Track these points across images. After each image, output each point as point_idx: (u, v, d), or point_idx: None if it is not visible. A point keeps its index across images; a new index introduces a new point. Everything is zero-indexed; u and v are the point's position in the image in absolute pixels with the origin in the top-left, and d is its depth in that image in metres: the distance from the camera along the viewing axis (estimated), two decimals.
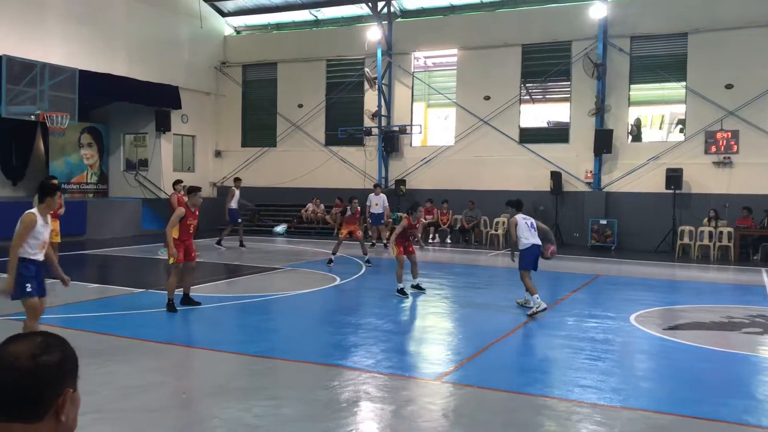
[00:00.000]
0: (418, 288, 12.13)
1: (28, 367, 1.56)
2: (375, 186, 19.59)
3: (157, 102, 23.37)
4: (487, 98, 22.43)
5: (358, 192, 19.53)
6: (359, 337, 8.70)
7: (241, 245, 18.84)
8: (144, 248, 18.25)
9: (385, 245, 18.73)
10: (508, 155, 22.09)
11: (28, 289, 6.50)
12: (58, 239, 12.26)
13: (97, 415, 5.37)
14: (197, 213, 10.26)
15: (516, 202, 11.32)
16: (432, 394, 6.49)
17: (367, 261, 15.67)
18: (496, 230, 21.23)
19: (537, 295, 10.25)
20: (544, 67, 21.98)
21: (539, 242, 10.86)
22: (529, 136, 22.16)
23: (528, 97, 22.33)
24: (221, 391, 6.38)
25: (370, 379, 6.76)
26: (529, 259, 10.77)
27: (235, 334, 9.10)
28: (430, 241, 21.62)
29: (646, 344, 8.81)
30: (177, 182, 16.32)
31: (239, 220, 19.41)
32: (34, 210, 6.64)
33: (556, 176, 21.06)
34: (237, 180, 20.26)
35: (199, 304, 10.27)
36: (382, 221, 19.12)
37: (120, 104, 23.13)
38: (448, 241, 21.54)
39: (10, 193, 23.04)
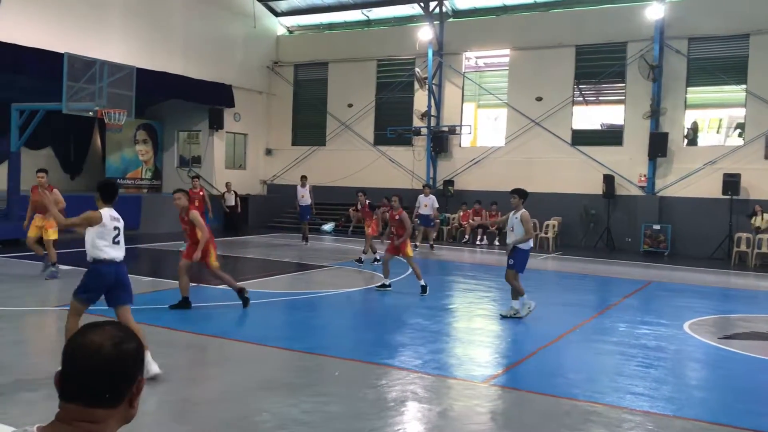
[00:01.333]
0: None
1: (111, 354, 1.63)
2: (424, 186, 19.54)
3: (210, 100, 23.78)
4: (539, 99, 22.17)
5: (405, 192, 19.43)
6: (406, 336, 8.69)
7: (305, 240, 19.51)
8: None
9: (432, 247, 18.65)
10: (559, 157, 21.79)
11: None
12: (54, 236, 12.01)
13: (150, 406, 5.48)
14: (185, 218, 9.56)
15: (525, 192, 10.24)
16: (480, 397, 6.44)
17: (359, 260, 15.61)
18: (546, 233, 20.97)
19: (525, 295, 9.93)
20: (598, 68, 21.62)
21: None
22: (582, 138, 21.82)
23: (581, 98, 21.99)
24: (270, 386, 6.44)
25: (418, 380, 6.74)
26: (525, 261, 10.10)
27: (283, 330, 9.19)
28: (478, 242, 21.48)
29: (700, 353, 8.58)
30: (195, 177, 16.89)
31: (308, 217, 19.87)
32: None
33: (608, 179, 20.69)
34: (303, 178, 20.48)
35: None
36: (431, 223, 19.04)
37: (175, 102, 23.61)
38: (497, 243, 21.34)
39: (67, 187, 23.74)
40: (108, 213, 6.54)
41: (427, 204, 18.74)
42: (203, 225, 7.40)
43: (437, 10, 23.49)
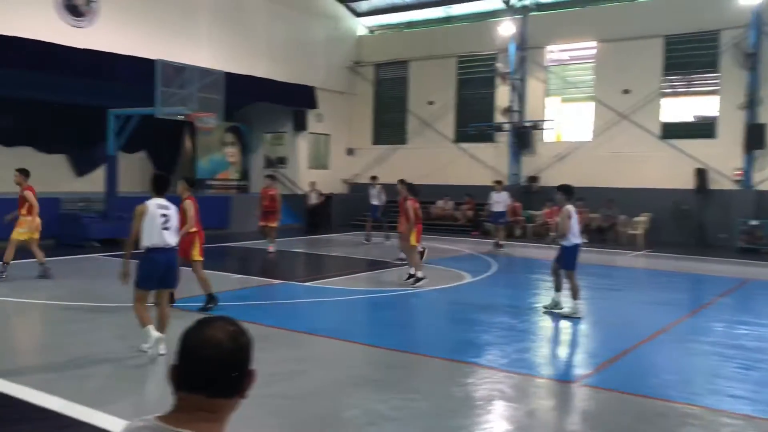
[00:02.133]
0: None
1: (232, 347, 1.72)
2: (495, 182, 19.02)
3: (294, 102, 24.25)
4: (627, 92, 21.51)
5: (487, 189, 19.21)
6: (492, 335, 8.62)
7: (367, 240, 19.50)
8: (283, 242, 18.96)
9: (500, 245, 18.15)
10: (648, 151, 21.09)
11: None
12: (33, 236, 11.57)
13: (243, 400, 5.64)
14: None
15: (570, 188, 9.96)
16: (570, 397, 6.33)
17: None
18: (636, 230, 20.32)
19: (556, 294, 9.92)
20: (688, 58, 20.79)
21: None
22: (672, 131, 21.04)
23: (671, 90, 21.20)
24: (358, 382, 6.53)
25: (505, 379, 6.68)
26: (571, 257, 9.86)
27: (371, 327, 9.29)
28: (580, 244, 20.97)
29: None
30: (269, 177, 17.02)
31: (377, 215, 19.85)
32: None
33: (701, 173, 19.88)
34: (373, 178, 20.54)
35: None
36: (501, 220, 18.49)
37: (261, 104, 24.20)
38: (584, 240, 20.81)
39: None
40: (155, 202, 6.84)
41: (499, 200, 18.26)
42: (192, 216, 7.50)
43: (519, 3, 23.15)
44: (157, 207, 6.78)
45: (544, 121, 23.20)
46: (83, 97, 20.45)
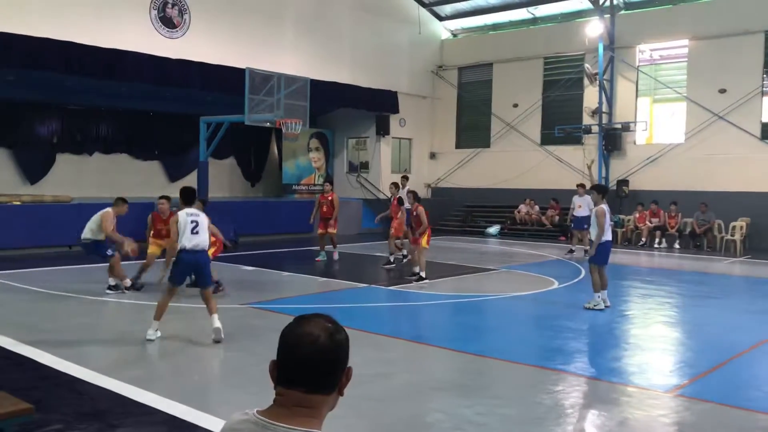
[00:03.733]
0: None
1: (328, 344, 1.74)
2: (578, 186, 18.28)
3: (377, 107, 24.42)
4: (723, 91, 20.56)
5: (574, 193, 18.72)
6: (581, 342, 8.38)
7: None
8: (365, 246, 19.11)
9: (586, 252, 17.51)
10: (746, 153, 20.06)
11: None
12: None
13: (341, 397, 5.68)
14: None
15: (605, 188, 10.72)
16: (664, 407, 6.06)
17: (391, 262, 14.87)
18: (733, 235, 19.36)
19: (601, 293, 10.18)
20: None
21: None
22: None
23: None
24: (443, 386, 6.47)
25: (596, 387, 6.47)
26: (604, 253, 10.40)
27: (455, 332, 9.20)
28: (656, 246, 20.25)
29: None
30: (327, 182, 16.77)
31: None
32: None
33: None
34: (404, 178, 18.69)
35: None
36: (585, 226, 17.80)
37: (344, 110, 24.49)
38: (677, 246, 20.03)
39: (248, 193, 25.41)
40: (184, 212, 7.84)
41: (582, 205, 17.51)
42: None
43: (608, 3, 22.52)
44: (186, 215, 7.80)
45: (634, 122, 22.46)
46: (176, 106, 21.30)
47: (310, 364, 1.71)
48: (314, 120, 23.04)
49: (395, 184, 16.24)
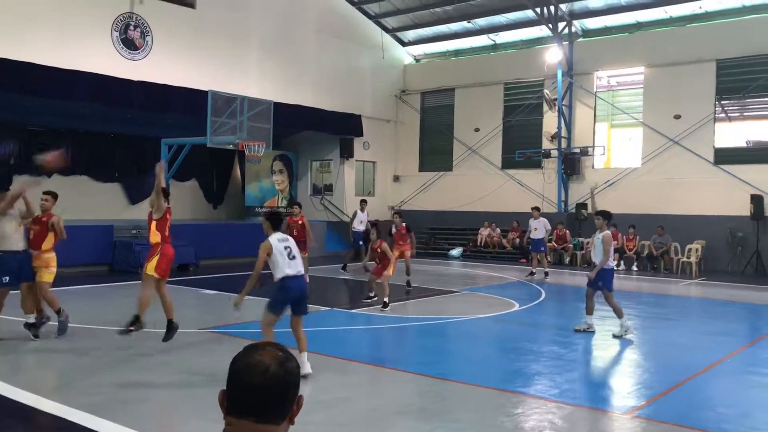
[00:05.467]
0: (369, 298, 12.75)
1: (278, 373, 1.73)
2: (533, 209, 18.58)
3: (341, 130, 24.53)
4: (678, 117, 21.14)
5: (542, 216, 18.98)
6: (541, 364, 8.46)
7: (365, 270, 17.50)
8: (329, 268, 19.06)
9: (546, 274, 17.81)
10: (701, 177, 20.62)
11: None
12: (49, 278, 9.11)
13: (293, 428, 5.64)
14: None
15: (609, 213, 10.69)
16: (623, 429, 6.16)
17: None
18: (689, 258, 19.81)
19: (591, 317, 10.33)
20: (742, 82, 20.36)
21: None
22: (726, 156, 20.54)
23: (724, 115, 20.76)
24: (406, 410, 6.47)
25: (556, 409, 6.54)
26: (612, 278, 10.49)
27: (417, 355, 9.22)
28: (615, 268, 20.56)
29: None
30: (296, 205, 16.11)
31: (360, 243, 18.73)
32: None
33: (757, 200, 19.32)
34: (362, 202, 19.71)
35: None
36: (542, 248, 18.10)
37: (308, 133, 24.55)
38: (635, 268, 20.41)
39: (210, 216, 25.20)
40: (275, 237, 7.54)
41: (537, 228, 17.87)
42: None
43: (566, 30, 23.07)
44: (278, 241, 7.51)
45: (592, 147, 22.94)
46: (137, 128, 21.10)
47: (260, 394, 1.70)
48: (278, 142, 23.04)
49: (399, 214, 15.67)
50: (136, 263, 17.02)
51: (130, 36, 18.25)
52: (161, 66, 18.70)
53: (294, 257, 7.53)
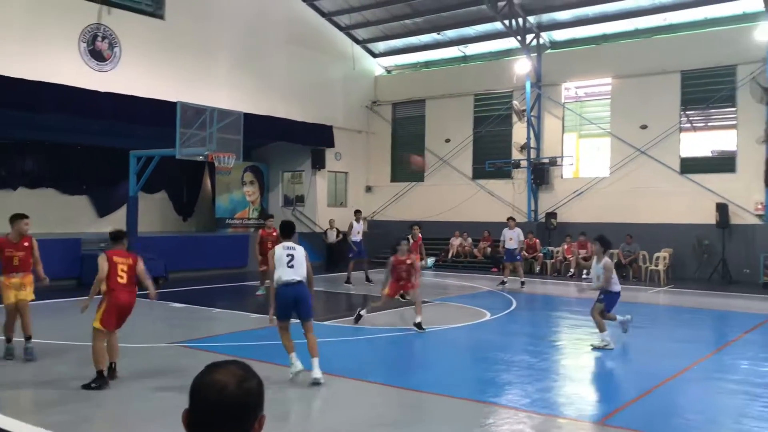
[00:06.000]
0: (419, 327, 11.19)
1: (236, 392, 1.72)
2: (509, 219, 18.76)
3: (312, 141, 24.50)
4: (644, 127, 21.50)
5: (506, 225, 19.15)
6: (512, 374, 8.51)
7: (367, 280, 18.32)
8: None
9: (522, 283, 17.96)
10: (668, 186, 20.97)
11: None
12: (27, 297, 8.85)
13: None
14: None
15: (608, 240, 10.61)
16: None
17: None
18: (657, 266, 20.10)
19: (608, 331, 10.18)
20: (706, 93, 20.78)
21: None
22: (691, 166, 20.93)
23: (689, 125, 21.16)
24: (379, 422, 6.46)
25: (527, 419, 6.58)
26: (614, 303, 10.48)
27: (390, 366, 9.21)
28: (584, 276, 20.82)
29: None
30: (269, 217, 16.05)
31: (357, 253, 18.72)
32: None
33: (722, 208, 19.69)
34: (357, 212, 19.85)
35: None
36: (518, 257, 18.29)
37: (279, 144, 24.47)
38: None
39: (180, 228, 24.95)
40: (282, 245, 7.98)
41: (512, 237, 18.07)
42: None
43: (534, 42, 23.36)
44: (283, 248, 7.92)
45: (561, 157, 23.21)
46: (105, 139, 20.83)
47: (218, 413, 1.69)
48: (249, 153, 22.94)
49: (419, 226, 15.61)
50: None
51: (98, 47, 18.08)
52: (130, 77, 18.52)
53: (293, 266, 7.83)
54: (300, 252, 7.95)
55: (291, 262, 7.81)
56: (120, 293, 7.56)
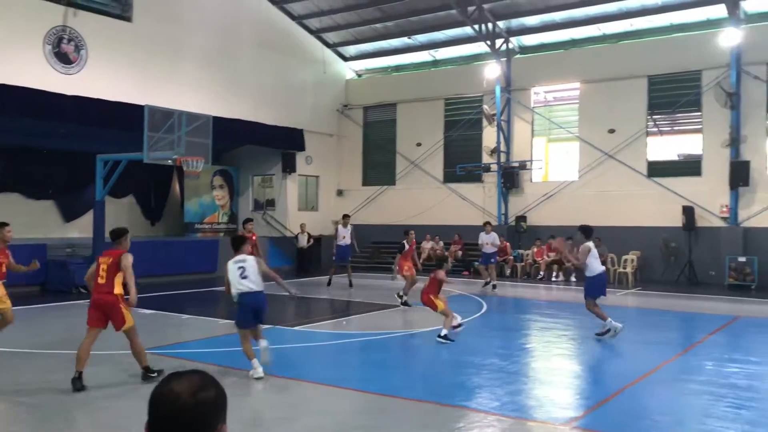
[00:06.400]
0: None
1: (189, 403, 1.68)
2: (485, 224, 18.89)
3: (283, 145, 24.39)
4: (612, 131, 21.77)
5: (478, 229, 19.26)
6: (482, 378, 8.52)
7: (349, 285, 18.52)
8: (270, 285, 18.81)
9: (494, 286, 18.12)
10: (635, 190, 21.25)
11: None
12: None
13: None
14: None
15: (589, 228, 11.58)
16: None
17: (404, 302, 14.57)
18: (625, 268, 20.34)
19: (610, 319, 10.92)
20: (672, 98, 21.11)
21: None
22: (658, 169, 21.24)
23: (656, 129, 21.47)
24: (346, 428, 6.42)
25: (496, 422, 6.59)
26: (594, 286, 11.23)
27: (358, 371, 9.17)
28: (554, 279, 21.02)
29: None
30: (249, 221, 15.92)
31: (348, 259, 18.99)
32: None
33: (688, 211, 20.01)
34: (345, 217, 19.82)
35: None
36: (493, 260, 18.47)
37: (249, 147, 24.32)
38: (573, 279, 20.83)
39: (148, 233, 24.64)
40: (232, 260, 8.49)
41: (488, 242, 18.29)
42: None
43: (504, 47, 23.54)
44: (233, 263, 8.45)
45: (530, 161, 23.40)
46: (72, 143, 20.51)
47: (170, 424, 1.66)
48: (218, 157, 22.75)
49: (412, 231, 16.76)
50: (70, 283, 16.52)
51: (64, 49, 17.79)
52: (96, 80, 18.26)
53: (246, 276, 8.31)
54: (250, 262, 8.44)
55: (244, 274, 8.30)
56: (97, 294, 7.80)
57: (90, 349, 7.63)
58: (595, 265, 11.10)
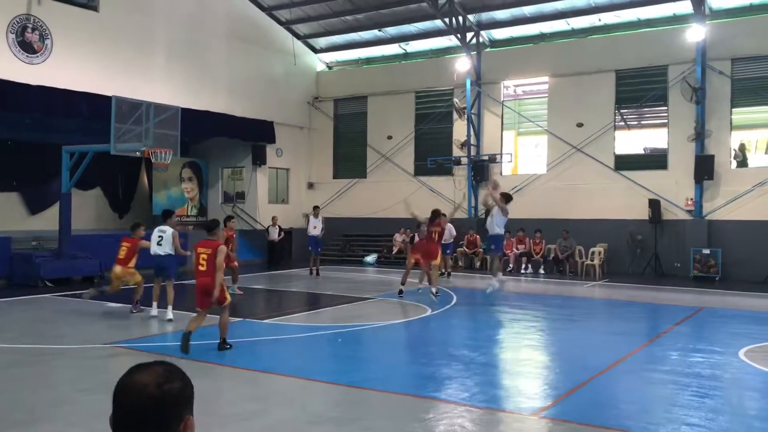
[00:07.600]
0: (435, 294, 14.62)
1: (155, 394, 1.66)
2: (441, 215, 19.01)
3: (253, 137, 24.22)
4: (580, 125, 22.01)
5: (453, 222, 19.32)
6: (453, 369, 8.60)
7: (316, 274, 19.42)
8: (242, 278, 18.71)
9: (449, 274, 18.89)
10: (603, 183, 21.53)
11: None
12: None
13: None
14: None
15: (509, 195, 14.35)
16: (530, 430, 6.33)
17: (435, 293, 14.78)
18: (592, 260, 20.63)
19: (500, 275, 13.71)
20: (639, 92, 21.41)
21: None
22: (625, 163, 21.54)
23: (623, 123, 21.76)
24: (318, 420, 6.44)
25: (465, 413, 6.66)
26: (497, 243, 14.32)
27: (328, 364, 9.18)
28: (522, 271, 21.24)
29: (758, 381, 8.29)
30: (230, 218, 15.87)
31: (318, 249, 19.78)
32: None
33: (654, 204, 20.34)
34: (315, 208, 20.67)
35: None
36: (449, 251, 19.20)
37: (218, 139, 24.11)
38: (542, 271, 21.09)
39: (116, 226, 24.33)
40: (157, 228, 11.55)
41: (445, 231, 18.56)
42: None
43: (474, 41, 23.63)
44: (157, 231, 11.72)
45: (500, 154, 23.56)
46: (36, 134, 20.15)
47: (135, 416, 1.65)
48: (187, 149, 22.53)
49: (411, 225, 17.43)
50: (35, 276, 16.25)
51: (28, 38, 17.44)
52: (62, 70, 17.93)
53: (161, 244, 11.80)
54: (168, 234, 11.66)
55: (160, 242, 11.60)
56: (197, 278, 9.34)
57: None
58: (498, 225, 13.76)
